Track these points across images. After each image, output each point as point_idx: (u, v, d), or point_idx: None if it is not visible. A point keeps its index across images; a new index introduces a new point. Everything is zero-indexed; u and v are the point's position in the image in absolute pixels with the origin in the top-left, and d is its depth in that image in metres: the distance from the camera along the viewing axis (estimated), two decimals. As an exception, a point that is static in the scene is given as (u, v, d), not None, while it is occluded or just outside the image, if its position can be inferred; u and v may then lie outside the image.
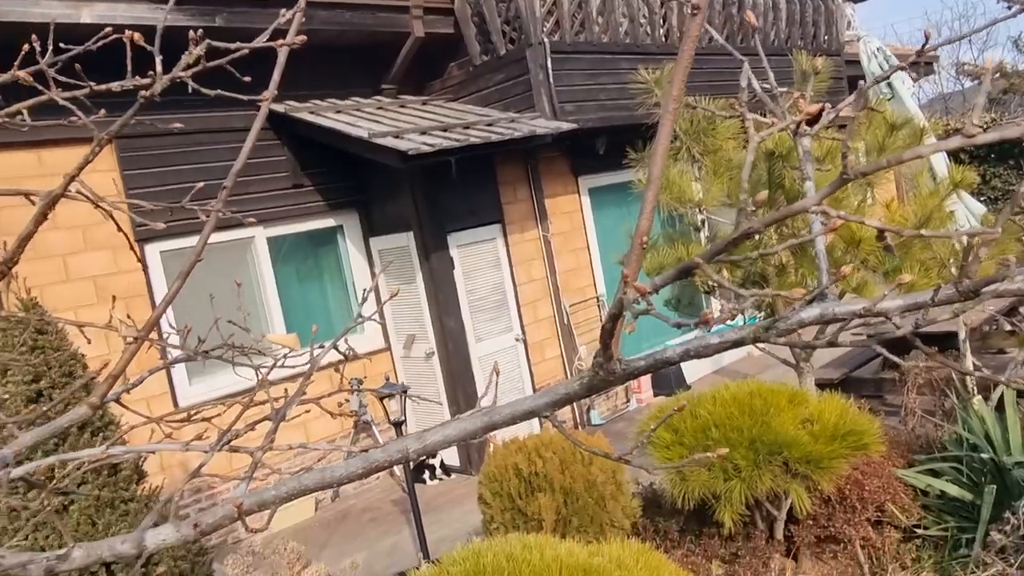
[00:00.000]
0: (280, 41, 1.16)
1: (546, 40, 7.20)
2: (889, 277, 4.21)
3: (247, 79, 1.34)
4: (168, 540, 0.99)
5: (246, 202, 6.61)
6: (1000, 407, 4.82)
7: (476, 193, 7.53)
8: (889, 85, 5.82)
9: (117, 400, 1.17)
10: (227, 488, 6.62)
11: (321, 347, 1.40)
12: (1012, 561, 3.87)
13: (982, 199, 11.59)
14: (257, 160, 6.78)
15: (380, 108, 7.38)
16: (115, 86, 1.19)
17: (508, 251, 7.88)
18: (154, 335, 1.28)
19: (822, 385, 5.77)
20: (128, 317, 1.79)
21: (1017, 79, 17.25)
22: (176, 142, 6.21)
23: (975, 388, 5.65)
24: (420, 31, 7.37)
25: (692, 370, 9.14)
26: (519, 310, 7.92)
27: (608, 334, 0.76)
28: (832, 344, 0.89)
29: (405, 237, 7.27)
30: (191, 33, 1.17)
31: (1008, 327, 7.85)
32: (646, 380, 8.98)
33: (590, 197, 8.91)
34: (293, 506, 6.77)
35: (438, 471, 7.33)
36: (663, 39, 8.49)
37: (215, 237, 6.46)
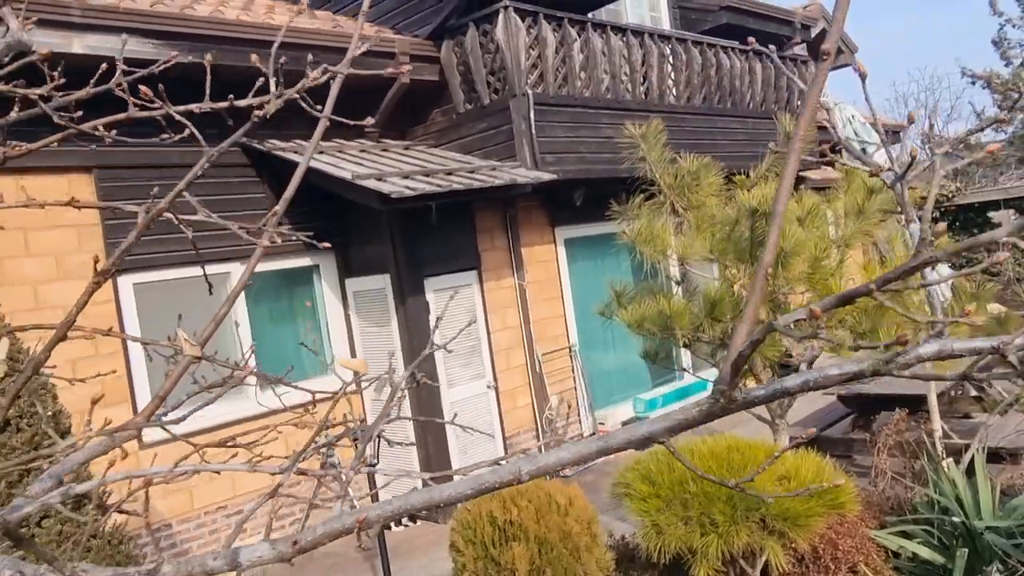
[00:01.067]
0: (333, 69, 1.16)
1: (530, 92, 7.32)
2: (867, 337, 4.26)
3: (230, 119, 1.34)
4: (264, 557, 0.95)
5: (223, 238, 6.55)
6: (970, 471, 4.86)
7: (454, 239, 7.54)
8: (864, 151, 5.99)
9: (161, 424, 1.13)
10: (185, 528, 6.42)
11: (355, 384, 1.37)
12: (984, 626, 3.86)
13: (949, 264, 11.87)
14: (237, 196, 6.75)
15: (363, 151, 7.41)
16: (194, 107, 1.20)
17: (483, 298, 7.88)
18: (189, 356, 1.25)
19: (795, 443, 5.78)
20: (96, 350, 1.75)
21: (979, 151, 17.80)
22: (155, 175, 6.14)
23: (944, 451, 5.70)
24: (406, 77, 7.45)
25: (662, 424, 9.12)
26: (492, 357, 7.88)
27: (743, 360, 0.75)
28: (966, 377, 0.89)
29: (382, 279, 7.25)
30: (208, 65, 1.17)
31: (974, 392, 7.98)
32: (616, 433, 8.94)
33: (566, 247, 8.98)
34: (254, 551, 6.57)
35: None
36: (643, 96, 8.68)
37: (188, 272, 6.39)
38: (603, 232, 4.98)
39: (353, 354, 7.55)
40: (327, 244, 1.81)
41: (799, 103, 10.75)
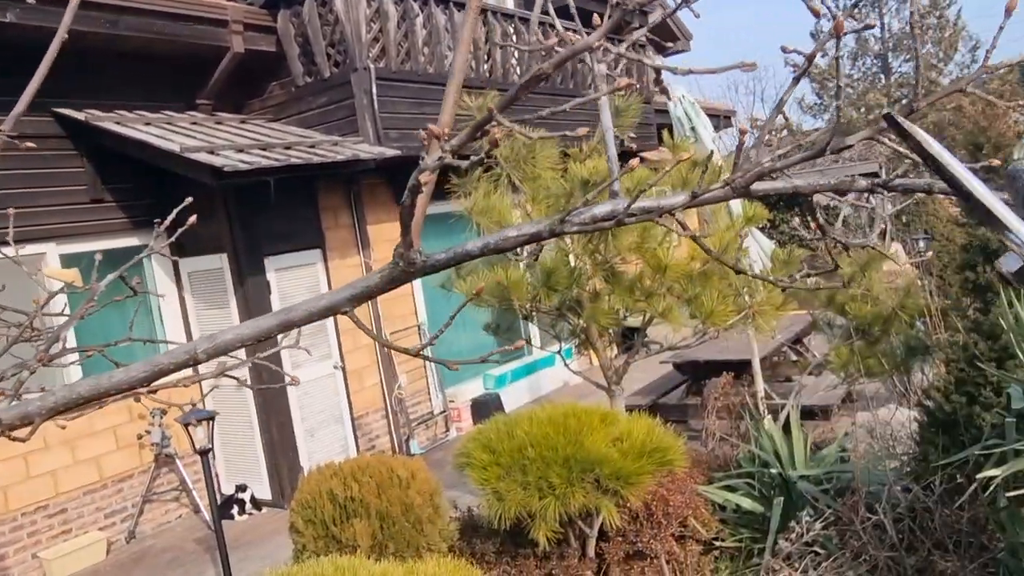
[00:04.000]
0: None
1: (372, 66, 7.18)
2: (692, 304, 4.50)
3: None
4: None
5: (35, 215, 6.04)
6: (787, 427, 5.25)
7: (296, 216, 7.31)
8: (693, 130, 6.29)
9: None
10: None
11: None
12: (797, 566, 4.19)
13: (772, 240, 12.78)
14: (50, 170, 6.23)
15: (194, 123, 7.02)
16: None
17: (328, 277, 7.69)
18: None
19: (631, 409, 6.04)
20: None
21: (802, 135, 19.22)
22: None
23: (766, 411, 6.13)
24: (239, 47, 7.12)
25: (512, 401, 9.29)
26: (338, 338, 7.73)
27: (408, 214, 0.74)
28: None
29: (218, 259, 6.92)
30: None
31: (794, 356, 8.62)
32: (466, 410, 9.01)
33: (414, 226, 8.91)
34: (82, 548, 6.15)
35: (248, 505, 6.95)
36: (487, 74, 8.72)
37: (-3, 253, 5.85)
38: (451, 210, 4.98)
39: (188, 336, 7.18)
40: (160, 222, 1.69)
41: (636, 84, 11.17)
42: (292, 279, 7.28)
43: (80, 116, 6.28)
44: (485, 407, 8.79)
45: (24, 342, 1.28)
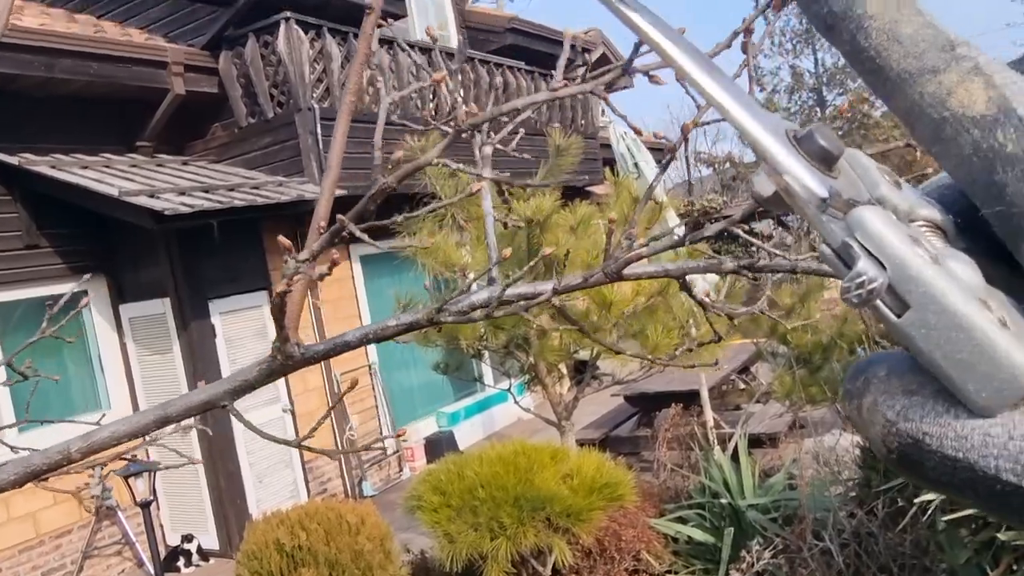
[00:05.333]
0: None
1: (316, 106, 7.18)
2: (638, 337, 4.55)
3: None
4: None
5: (-33, 262, 5.87)
6: (736, 456, 5.31)
7: (241, 258, 7.22)
8: (636, 165, 6.42)
9: None
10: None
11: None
12: (749, 596, 4.22)
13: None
14: (-17, 217, 6.07)
15: (134, 166, 6.91)
16: None
17: (275, 318, 7.58)
18: None
19: (584, 444, 6.06)
20: None
21: (744, 167, 19.74)
22: None
23: (715, 440, 6.19)
24: (180, 88, 7.06)
25: (465, 437, 9.22)
26: (287, 380, 7.60)
27: (278, 310, 0.74)
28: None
29: (160, 304, 6.79)
30: None
31: (742, 385, 8.75)
32: (419, 449, 8.92)
33: (362, 264, 8.86)
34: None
35: (194, 556, 6.74)
36: (432, 113, 8.77)
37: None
38: (396, 248, 4.99)
39: (130, 384, 7.00)
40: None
41: (582, 121, 11.35)
42: (238, 322, 7.17)
43: (13, 160, 6.14)
44: (438, 445, 8.71)
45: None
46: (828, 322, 5.44)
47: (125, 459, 5.12)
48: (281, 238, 0.69)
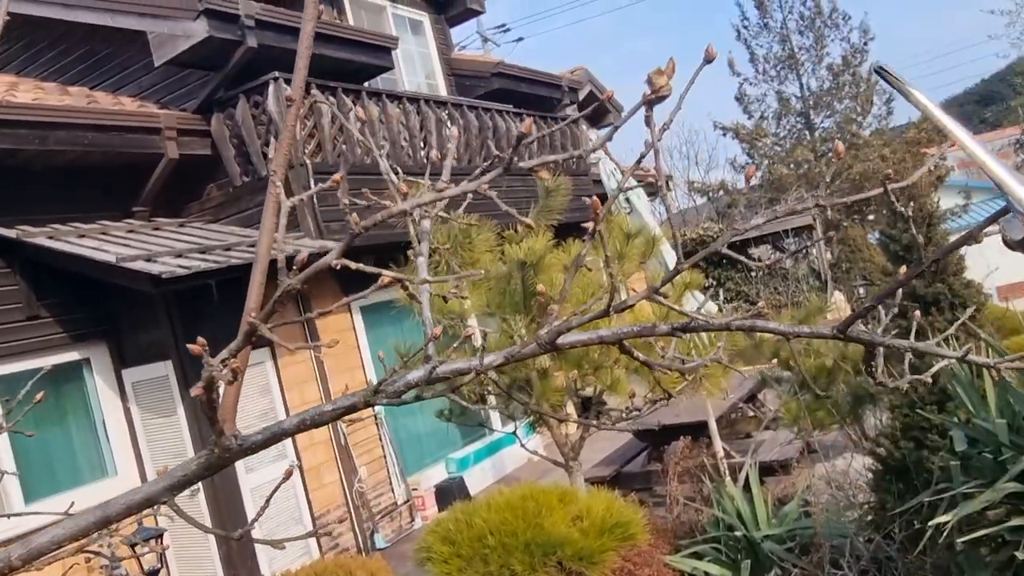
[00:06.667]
0: None
1: (308, 162, 7.26)
2: (640, 372, 4.53)
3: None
4: None
5: (-33, 336, 5.88)
6: (748, 486, 5.25)
7: (240, 316, 7.21)
8: (627, 200, 6.46)
9: None
10: None
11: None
12: (770, 631, 4.14)
13: (718, 300, 13.01)
14: (-18, 291, 6.10)
15: (131, 231, 6.97)
16: None
17: (279, 374, 7.57)
18: None
19: (596, 482, 5.99)
20: None
21: (738, 194, 19.84)
22: None
23: (726, 471, 6.13)
24: (174, 152, 7.15)
25: (476, 482, 9.13)
26: (293, 437, 7.56)
27: (209, 406, 0.74)
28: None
29: (163, 367, 6.78)
30: None
31: (751, 412, 8.69)
32: (430, 497, 8.83)
33: (363, 315, 8.87)
34: None
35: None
36: (424, 160, 8.86)
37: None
38: (393, 298, 5.01)
39: (136, 450, 6.97)
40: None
41: (573, 163, 11.45)
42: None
43: (11, 233, 6.19)
44: (449, 492, 8.62)
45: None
46: (830, 346, 5.42)
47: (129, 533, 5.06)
48: (193, 346, 0.70)
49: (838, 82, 20.28)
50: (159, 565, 4.68)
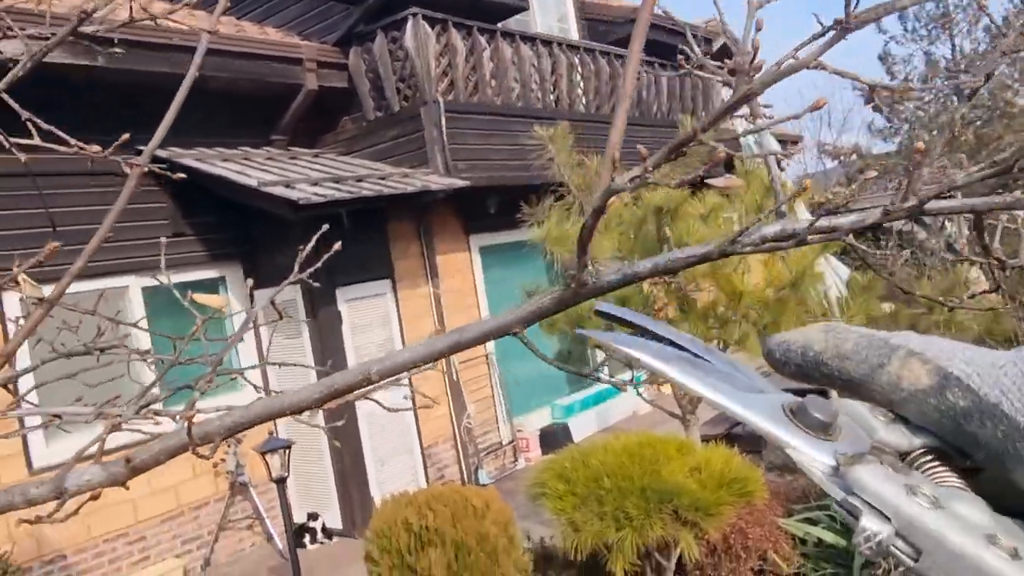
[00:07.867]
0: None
1: (440, 99, 7.31)
2: (768, 330, 4.40)
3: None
4: (95, 480, 0.88)
5: (118, 250, 6.28)
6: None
7: (367, 247, 7.44)
8: (757, 144, 6.22)
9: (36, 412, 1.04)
10: (82, 559, 6.09)
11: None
12: (886, 605, 4.01)
13: (842, 257, 12.44)
14: (133, 205, 6.48)
15: (270, 158, 7.24)
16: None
17: (398, 307, 7.79)
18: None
19: (706, 439, 5.92)
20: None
21: (872, 159, 18.82)
22: (24, 184, 5.72)
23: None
24: (313, 84, 7.34)
25: (580, 430, 9.20)
26: (408, 367, 7.79)
27: (589, 233, 0.73)
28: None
29: (292, 290, 7.07)
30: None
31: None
32: (534, 440, 8.97)
33: (481, 256, 8.98)
34: (160, 575, 6.29)
35: (319, 534, 7.01)
36: (553, 104, 8.78)
37: (83, 286, 6.08)
38: (518, 239, 5.02)
39: (263, 370, 7.35)
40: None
41: (703, 112, 11.09)
42: (362, 309, 7.39)
43: (164, 153, 6.54)
44: (553, 437, 8.73)
45: (180, 364, 1.32)
46: (974, 319, 5.11)
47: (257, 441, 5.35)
48: (641, 147, 0.68)
49: (995, 45, 18.76)
50: (286, 474, 4.95)
